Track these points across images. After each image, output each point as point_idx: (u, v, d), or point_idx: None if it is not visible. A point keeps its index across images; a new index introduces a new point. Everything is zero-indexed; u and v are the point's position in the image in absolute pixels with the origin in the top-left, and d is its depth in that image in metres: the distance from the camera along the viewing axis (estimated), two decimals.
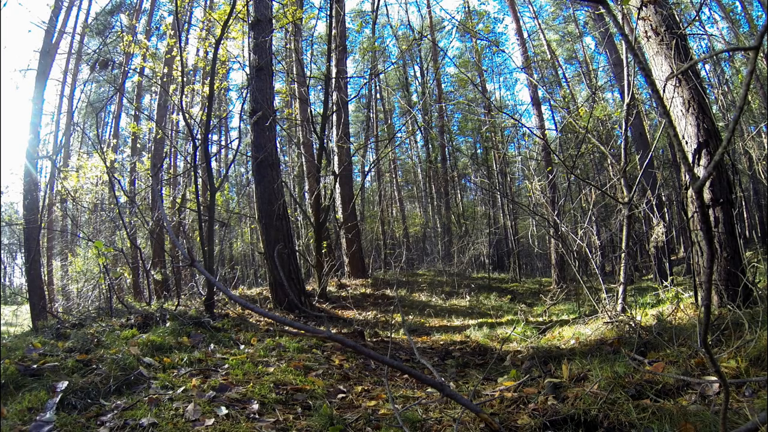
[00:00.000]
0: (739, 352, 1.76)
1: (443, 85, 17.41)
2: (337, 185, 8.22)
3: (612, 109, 10.16)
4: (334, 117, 8.41)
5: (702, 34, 10.32)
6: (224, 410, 1.54)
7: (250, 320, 4.09)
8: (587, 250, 4.17)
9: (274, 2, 6.39)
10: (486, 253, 12.21)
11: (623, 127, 3.85)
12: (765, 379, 1.40)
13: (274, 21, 6.46)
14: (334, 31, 7.73)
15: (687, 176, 3.01)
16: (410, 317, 5.52)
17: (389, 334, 3.98)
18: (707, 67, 12.60)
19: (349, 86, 10.48)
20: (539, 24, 14.13)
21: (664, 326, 2.56)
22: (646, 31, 3.27)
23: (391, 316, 5.38)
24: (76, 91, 11.79)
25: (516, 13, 11.81)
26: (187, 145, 8.63)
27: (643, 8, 3.25)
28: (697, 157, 2.96)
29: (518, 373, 2.15)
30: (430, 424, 1.46)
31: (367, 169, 13.91)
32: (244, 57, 9.13)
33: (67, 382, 1.55)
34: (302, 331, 3.24)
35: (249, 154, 6.23)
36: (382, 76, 14.87)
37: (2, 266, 15.76)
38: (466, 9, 15.14)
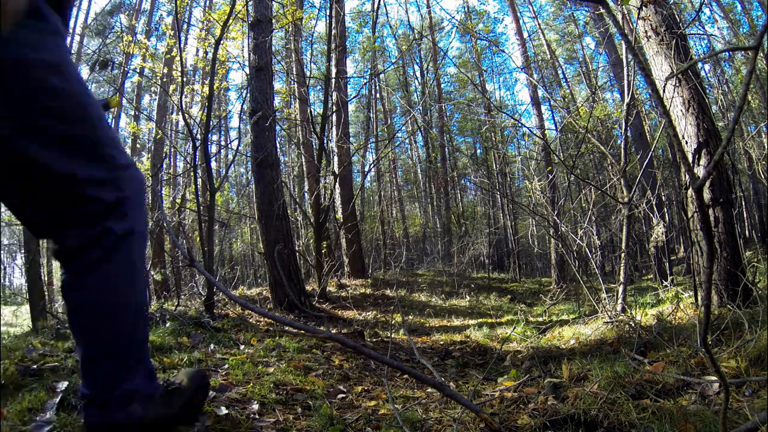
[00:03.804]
0: (739, 352, 1.76)
1: (443, 85, 17.42)
2: (337, 185, 8.22)
3: (612, 109, 10.16)
4: (334, 117, 8.41)
5: (702, 34, 10.32)
6: (224, 410, 1.54)
7: (250, 320, 4.09)
8: (587, 250, 4.17)
9: (274, 2, 6.39)
10: (486, 253, 12.21)
11: (623, 127, 3.85)
12: (765, 378, 1.40)
13: (274, 21, 6.46)
14: (333, 31, 7.73)
15: (687, 176, 3.01)
16: (410, 317, 5.52)
17: (389, 334, 3.98)
18: (707, 67, 12.61)
19: (349, 86, 10.48)
20: (539, 24, 14.14)
21: (664, 326, 2.56)
22: (646, 31, 3.27)
23: (391, 316, 5.38)
24: None
25: (516, 13, 11.81)
26: (187, 145, 8.63)
27: (643, 8, 3.25)
28: (697, 157, 2.96)
29: (518, 373, 2.15)
30: (430, 424, 1.45)
31: (367, 169, 13.90)
32: (243, 57, 9.12)
33: (67, 383, 1.55)
34: (302, 331, 3.24)
35: (249, 154, 6.23)
36: (382, 76, 14.86)
37: (2, 266, 15.76)
38: (466, 9, 15.15)
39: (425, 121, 13.60)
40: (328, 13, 7.45)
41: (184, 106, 4.83)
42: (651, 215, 4.96)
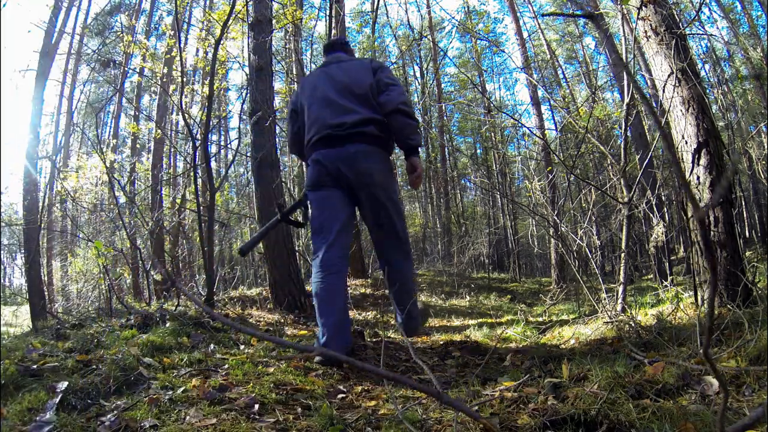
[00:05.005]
0: (739, 352, 1.76)
1: (443, 85, 17.41)
2: None
3: (612, 109, 10.16)
4: None
5: (702, 34, 10.32)
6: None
7: (250, 321, 4.09)
8: (587, 250, 4.17)
9: (274, 2, 6.38)
10: (486, 253, 12.21)
11: (623, 127, 3.84)
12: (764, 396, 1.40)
13: (274, 21, 6.45)
14: (333, 31, 7.72)
15: (686, 176, 3.01)
16: None
17: (389, 335, 3.98)
18: (707, 66, 12.62)
19: None
20: (539, 24, 14.14)
21: (664, 326, 2.55)
22: (645, 31, 3.27)
23: (392, 316, 5.37)
24: (76, 91, 11.82)
25: (516, 13, 11.82)
26: (187, 145, 8.62)
27: (643, 8, 3.25)
28: (696, 156, 2.96)
29: (518, 373, 2.15)
30: (430, 424, 1.46)
31: None
32: (243, 57, 9.13)
33: (67, 383, 1.55)
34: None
35: (249, 154, 6.22)
36: None
37: (2, 266, 15.75)
38: (466, 9, 15.15)
39: (425, 121, 13.59)
40: (328, 13, 7.45)
41: (184, 106, 4.83)
42: (651, 215, 4.96)
